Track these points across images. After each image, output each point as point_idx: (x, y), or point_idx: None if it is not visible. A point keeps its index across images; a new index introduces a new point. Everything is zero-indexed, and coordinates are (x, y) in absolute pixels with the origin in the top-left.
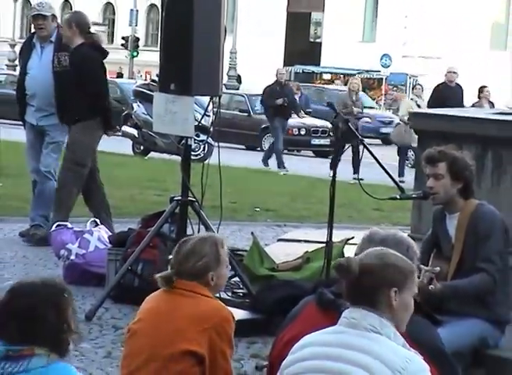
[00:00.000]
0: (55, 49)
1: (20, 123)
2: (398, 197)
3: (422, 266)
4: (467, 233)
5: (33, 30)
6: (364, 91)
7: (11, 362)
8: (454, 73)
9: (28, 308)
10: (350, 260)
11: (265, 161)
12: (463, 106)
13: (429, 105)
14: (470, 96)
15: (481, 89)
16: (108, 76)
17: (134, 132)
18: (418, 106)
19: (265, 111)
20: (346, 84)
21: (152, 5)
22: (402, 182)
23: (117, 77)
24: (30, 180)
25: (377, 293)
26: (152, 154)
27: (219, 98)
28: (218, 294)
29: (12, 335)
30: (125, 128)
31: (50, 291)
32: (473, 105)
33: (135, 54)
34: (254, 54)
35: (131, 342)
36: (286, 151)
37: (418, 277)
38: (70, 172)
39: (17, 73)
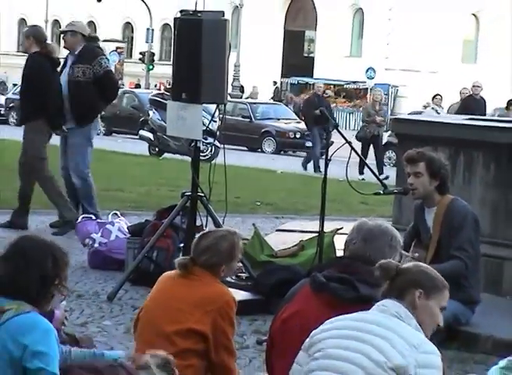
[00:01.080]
0: (73, 62)
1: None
2: (381, 192)
3: (403, 252)
4: (442, 224)
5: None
6: (350, 99)
7: None
8: (478, 86)
9: (28, 248)
10: (390, 262)
11: (305, 165)
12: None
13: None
14: (446, 102)
15: None
16: (127, 87)
17: (150, 135)
18: (438, 114)
19: (305, 120)
20: (336, 93)
21: (166, 25)
22: None
23: (135, 88)
24: (61, 176)
25: (405, 290)
26: (166, 155)
27: (224, 106)
28: None
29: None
30: (142, 132)
31: (56, 247)
32: (499, 116)
33: (151, 67)
34: (255, 67)
35: (144, 318)
36: (282, 152)
37: (399, 262)
38: (37, 170)
39: None
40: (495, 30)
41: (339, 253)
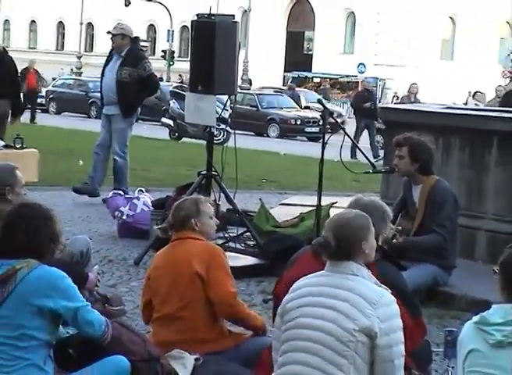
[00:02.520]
0: (121, 63)
1: (83, 115)
2: (371, 171)
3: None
4: (426, 201)
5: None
6: (344, 91)
7: (3, 284)
8: None
9: (33, 215)
10: (326, 241)
11: (353, 154)
12: None
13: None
14: (426, 96)
15: None
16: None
17: (170, 122)
18: None
19: (354, 112)
20: (331, 86)
21: (184, 27)
22: None
23: None
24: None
25: (353, 248)
26: (184, 139)
27: (235, 96)
28: (233, 245)
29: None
30: (163, 119)
31: (48, 209)
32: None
33: (171, 63)
34: (261, 63)
35: (154, 284)
36: (284, 137)
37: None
38: None
39: (82, 78)
40: (469, 30)
41: None
